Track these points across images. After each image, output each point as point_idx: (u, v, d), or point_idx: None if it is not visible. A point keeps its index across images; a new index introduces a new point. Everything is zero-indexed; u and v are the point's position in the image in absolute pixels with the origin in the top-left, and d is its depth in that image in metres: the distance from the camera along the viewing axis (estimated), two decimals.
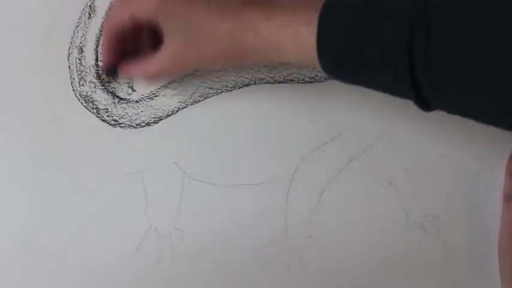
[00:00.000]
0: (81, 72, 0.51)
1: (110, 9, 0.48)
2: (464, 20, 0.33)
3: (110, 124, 0.50)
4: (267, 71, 0.48)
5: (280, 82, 0.48)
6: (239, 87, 0.49)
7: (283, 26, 0.39)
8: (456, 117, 0.46)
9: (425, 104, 0.36)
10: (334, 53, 0.37)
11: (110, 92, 0.50)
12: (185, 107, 0.49)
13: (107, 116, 0.50)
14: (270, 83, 0.49)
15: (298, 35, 0.38)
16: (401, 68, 0.34)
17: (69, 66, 0.51)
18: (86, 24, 0.51)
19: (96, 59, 0.51)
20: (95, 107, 0.50)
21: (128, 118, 0.50)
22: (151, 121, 0.49)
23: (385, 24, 0.35)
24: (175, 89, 0.49)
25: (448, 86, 0.34)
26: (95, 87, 0.50)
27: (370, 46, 0.36)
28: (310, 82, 0.48)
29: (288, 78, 0.48)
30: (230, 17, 0.40)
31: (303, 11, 0.38)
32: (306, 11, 0.38)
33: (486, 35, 0.32)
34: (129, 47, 0.47)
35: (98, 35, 0.51)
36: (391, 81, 0.37)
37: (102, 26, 0.50)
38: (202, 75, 0.49)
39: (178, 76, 0.48)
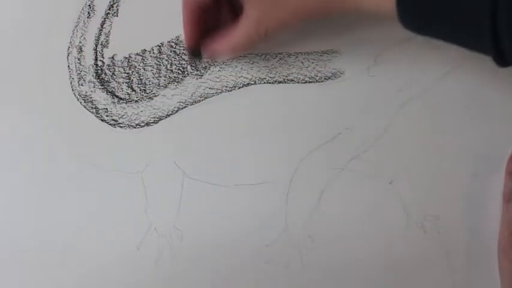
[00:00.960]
0: (81, 71, 0.51)
1: None
2: None
3: (110, 124, 0.50)
4: (267, 71, 0.48)
5: (280, 82, 0.48)
6: (239, 87, 0.49)
7: None
8: (455, 118, 0.46)
9: (505, 60, 0.36)
10: (414, 1, 0.37)
11: (109, 92, 0.50)
12: (185, 107, 0.49)
13: (107, 116, 0.50)
14: (270, 83, 0.48)
15: None
16: (484, 20, 0.34)
17: (69, 66, 0.51)
18: (85, 24, 0.51)
19: (96, 59, 0.51)
20: (94, 106, 0.50)
21: (128, 118, 0.50)
22: (151, 121, 0.49)
23: None
24: (175, 89, 0.49)
25: None
26: (94, 86, 0.50)
27: None
28: (310, 82, 0.48)
29: (288, 78, 0.48)
30: None
31: None
32: None
33: None
34: (209, 23, 0.45)
35: (97, 35, 0.51)
36: (471, 34, 0.36)
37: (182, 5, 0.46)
38: (201, 75, 0.49)
39: (261, 43, 0.45)
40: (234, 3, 0.43)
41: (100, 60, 0.50)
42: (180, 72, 0.49)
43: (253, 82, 0.49)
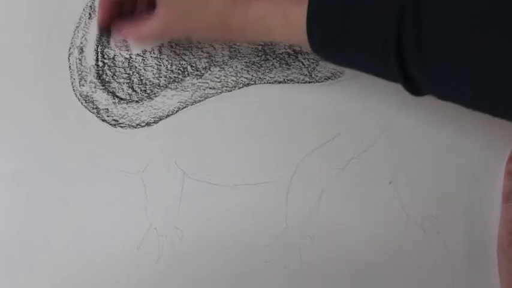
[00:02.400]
0: (82, 72, 0.51)
1: None
2: None
3: (110, 124, 0.50)
4: (267, 71, 0.49)
5: (280, 82, 0.48)
6: (239, 87, 0.49)
7: (271, 6, 0.39)
8: (455, 118, 0.46)
9: (414, 88, 0.36)
10: (324, 33, 0.37)
11: (110, 92, 0.50)
12: (185, 107, 0.49)
13: (107, 116, 0.50)
14: (270, 83, 0.49)
15: (287, 16, 0.39)
16: (390, 48, 0.34)
17: (70, 67, 0.51)
18: (86, 25, 0.51)
19: (97, 59, 0.51)
20: (95, 107, 0.50)
21: (128, 118, 0.50)
22: (151, 121, 0.49)
23: (375, 5, 0.35)
24: (175, 89, 0.49)
25: (436, 64, 0.33)
26: (95, 87, 0.50)
27: (359, 27, 0.35)
28: (310, 82, 0.48)
29: (288, 78, 0.48)
30: None
31: None
32: None
33: (476, 14, 0.32)
34: (125, 7, 0.48)
35: (98, 36, 0.51)
36: (379, 63, 0.36)
37: None
38: (201, 75, 0.49)
39: (168, 40, 0.49)
40: None
41: (101, 60, 0.51)
42: (180, 72, 0.49)
43: (253, 82, 0.49)
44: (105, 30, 0.49)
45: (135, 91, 0.50)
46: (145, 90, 0.50)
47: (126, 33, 0.48)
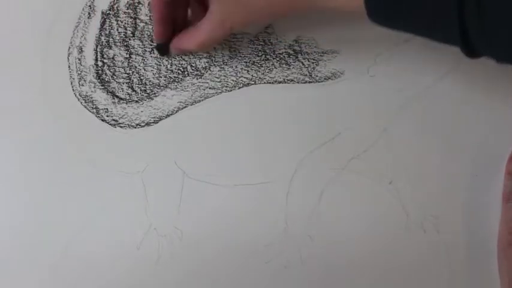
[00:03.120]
0: (81, 72, 0.51)
1: None
2: None
3: (110, 124, 0.50)
4: (267, 71, 0.49)
5: (280, 82, 0.48)
6: (239, 87, 0.49)
7: None
8: (455, 118, 0.46)
9: (472, 50, 0.36)
10: None
11: (110, 92, 0.50)
12: (185, 107, 0.49)
13: (107, 116, 0.50)
14: (270, 83, 0.49)
15: None
16: (451, 10, 0.34)
17: (69, 66, 0.51)
18: (85, 24, 0.51)
19: (96, 59, 0.51)
20: (94, 106, 0.50)
21: (128, 118, 0.50)
22: (151, 121, 0.49)
23: None
24: (175, 88, 0.49)
25: (497, 26, 0.33)
26: (94, 87, 0.50)
27: None
28: (310, 82, 0.48)
29: (288, 78, 0.48)
30: None
31: None
32: None
33: None
34: (178, 19, 0.46)
35: (97, 35, 0.51)
36: (439, 26, 0.36)
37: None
38: (201, 75, 0.49)
39: (228, 37, 0.47)
40: None
41: (100, 60, 0.51)
42: (180, 72, 0.49)
43: (253, 82, 0.49)
44: (164, 50, 0.47)
45: (135, 91, 0.50)
46: (145, 90, 0.50)
47: (185, 44, 0.46)
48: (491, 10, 0.33)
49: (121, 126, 0.50)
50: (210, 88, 0.49)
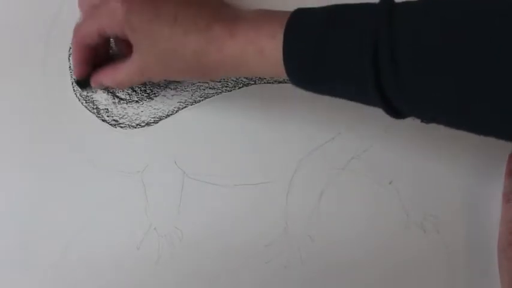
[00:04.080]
0: None
1: (78, 22, 0.46)
2: (427, 19, 0.33)
3: (110, 124, 0.50)
4: None
5: (280, 82, 0.48)
6: (239, 87, 0.49)
7: (247, 42, 0.39)
8: None
9: (395, 110, 0.36)
10: (301, 65, 0.37)
11: (110, 92, 0.50)
12: (185, 107, 0.49)
13: (107, 116, 0.50)
14: (270, 83, 0.49)
15: (263, 51, 0.38)
16: (367, 75, 0.34)
17: (70, 67, 0.51)
18: None
19: None
20: (95, 107, 0.50)
21: (128, 118, 0.50)
22: (151, 121, 0.49)
23: (349, 34, 0.35)
24: (175, 89, 0.49)
25: (412, 84, 0.33)
26: None
27: (335, 56, 0.35)
28: None
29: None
30: (195, 32, 0.40)
31: (268, 25, 0.38)
32: (270, 25, 0.38)
33: (450, 34, 0.32)
34: (100, 55, 0.46)
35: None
36: (358, 91, 0.36)
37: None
38: None
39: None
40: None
41: None
42: None
43: (253, 82, 0.49)
44: (84, 84, 0.47)
45: (135, 91, 0.50)
46: (145, 90, 0.50)
47: (104, 80, 0.46)
48: (405, 72, 0.33)
49: (121, 126, 0.50)
50: (210, 88, 0.49)
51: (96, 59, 0.46)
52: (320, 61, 0.36)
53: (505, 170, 0.45)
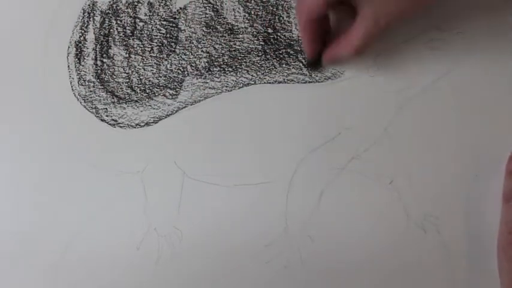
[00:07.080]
0: (80, 71, 0.51)
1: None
2: None
3: (109, 124, 0.50)
4: (267, 71, 0.48)
5: (280, 82, 0.48)
6: (239, 87, 0.49)
7: None
8: (455, 117, 0.46)
9: None
10: None
11: (109, 92, 0.50)
12: (185, 107, 0.49)
13: (106, 116, 0.50)
14: (270, 83, 0.48)
15: None
16: None
17: (68, 66, 0.51)
18: (85, 24, 0.51)
19: (95, 58, 0.51)
20: (94, 106, 0.50)
21: (127, 118, 0.50)
22: (151, 121, 0.49)
23: None
24: (174, 88, 0.49)
25: None
26: (94, 86, 0.50)
27: None
28: (310, 82, 0.48)
29: (288, 78, 0.48)
30: None
31: None
32: None
33: None
34: (324, 32, 0.46)
35: (97, 34, 0.51)
36: None
37: (296, 12, 0.47)
38: (201, 75, 0.49)
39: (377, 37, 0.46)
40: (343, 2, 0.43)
41: (100, 60, 0.50)
42: (180, 72, 0.49)
43: (253, 82, 0.49)
44: (316, 64, 0.47)
45: (135, 91, 0.50)
46: (144, 90, 0.50)
47: (339, 52, 0.45)
48: None
49: (120, 126, 0.50)
50: (210, 88, 0.49)
51: (323, 36, 0.46)
52: None
53: (505, 170, 0.45)
